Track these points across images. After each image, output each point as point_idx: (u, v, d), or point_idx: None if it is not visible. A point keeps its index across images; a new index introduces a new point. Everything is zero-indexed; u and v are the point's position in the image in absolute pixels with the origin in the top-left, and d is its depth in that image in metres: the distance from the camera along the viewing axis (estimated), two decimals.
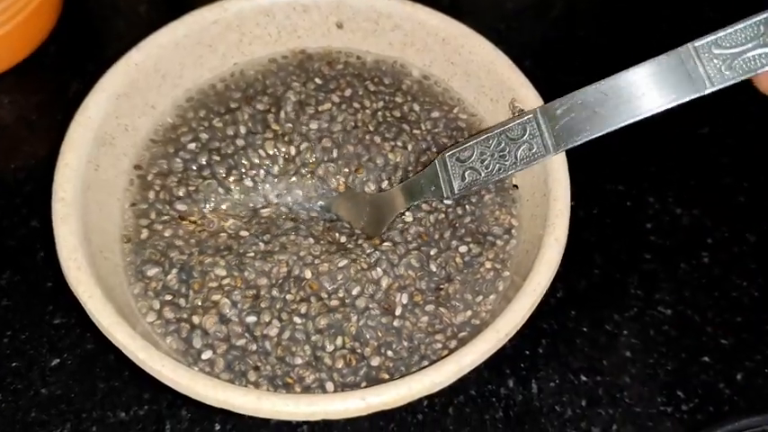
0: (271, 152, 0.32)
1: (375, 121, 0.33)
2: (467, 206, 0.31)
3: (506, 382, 0.34)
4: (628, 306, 0.36)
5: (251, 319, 0.29)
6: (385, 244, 0.30)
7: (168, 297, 0.29)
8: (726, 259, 0.38)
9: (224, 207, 0.31)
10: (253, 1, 0.34)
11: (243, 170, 0.32)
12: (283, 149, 0.32)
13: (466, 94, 0.34)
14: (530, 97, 0.31)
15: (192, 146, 0.32)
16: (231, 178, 0.32)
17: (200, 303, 0.29)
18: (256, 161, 0.32)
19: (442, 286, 0.30)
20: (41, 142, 0.40)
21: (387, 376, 0.28)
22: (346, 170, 0.32)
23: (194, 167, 0.32)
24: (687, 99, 0.24)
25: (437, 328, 0.29)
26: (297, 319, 0.29)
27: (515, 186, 0.32)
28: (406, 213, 0.31)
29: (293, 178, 0.32)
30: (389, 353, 0.28)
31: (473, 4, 0.47)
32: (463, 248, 0.30)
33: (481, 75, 0.33)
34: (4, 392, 0.32)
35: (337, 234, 0.31)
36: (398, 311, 0.29)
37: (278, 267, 0.30)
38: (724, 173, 0.41)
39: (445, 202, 0.31)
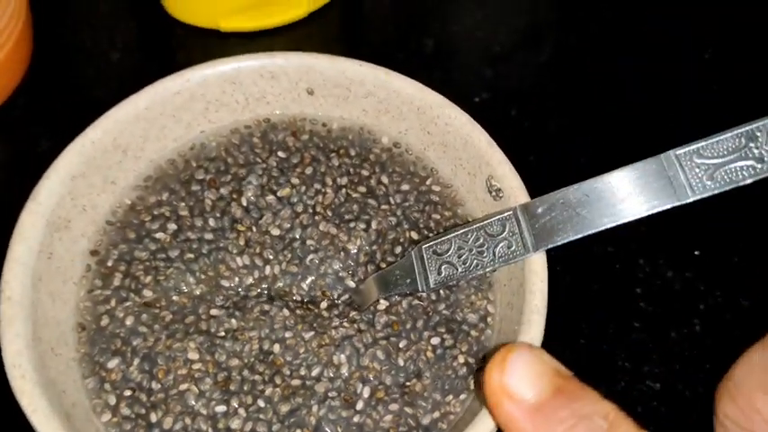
0: (248, 262, 0.30)
1: (337, 200, 0.31)
2: (441, 291, 0.30)
3: None
4: (615, 380, 0.35)
5: (220, 408, 0.27)
6: (351, 326, 0.29)
7: (128, 392, 0.28)
8: (718, 327, 0.36)
9: (197, 293, 0.30)
10: (216, 68, 0.32)
11: (219, 272, 0.30)
12: (258, 262, 0.30)
13: (442, 165, 0.33)
14: (507, 176, 0.29)
15: (160, 235, 0.30)
16: (211, 273, 0.30)
17: (163, 396, 0.28)
18: (233, 267, 0.30)
19: (408, 383, 0.28)
20: (8, 205, 0.38)
21: None
22: (313, 293, 0.30)
23: (163, 256, 0.30)
24: (669, 206, 0.24)
25: (400, 430, 0.27)
26: (261, 403, 0.27)
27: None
28: (380, 301, 0.30)
29: (264, 285, 0.30)
30: None
31: (458, 49, 0.45)
32: (435, 340, 0.29)
33: (458, 146, 0.31)
34: None
35: (316, 305, 0.30)
36: (360, 406, 0.28)
37: (249, 345, 0.28)
38: (718, 233, 0.39)
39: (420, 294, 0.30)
